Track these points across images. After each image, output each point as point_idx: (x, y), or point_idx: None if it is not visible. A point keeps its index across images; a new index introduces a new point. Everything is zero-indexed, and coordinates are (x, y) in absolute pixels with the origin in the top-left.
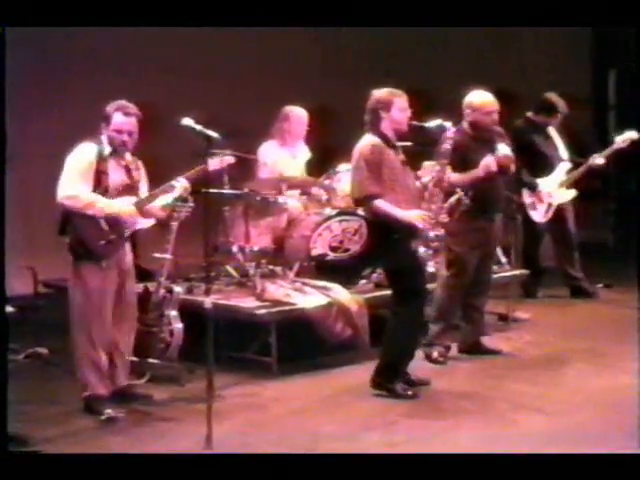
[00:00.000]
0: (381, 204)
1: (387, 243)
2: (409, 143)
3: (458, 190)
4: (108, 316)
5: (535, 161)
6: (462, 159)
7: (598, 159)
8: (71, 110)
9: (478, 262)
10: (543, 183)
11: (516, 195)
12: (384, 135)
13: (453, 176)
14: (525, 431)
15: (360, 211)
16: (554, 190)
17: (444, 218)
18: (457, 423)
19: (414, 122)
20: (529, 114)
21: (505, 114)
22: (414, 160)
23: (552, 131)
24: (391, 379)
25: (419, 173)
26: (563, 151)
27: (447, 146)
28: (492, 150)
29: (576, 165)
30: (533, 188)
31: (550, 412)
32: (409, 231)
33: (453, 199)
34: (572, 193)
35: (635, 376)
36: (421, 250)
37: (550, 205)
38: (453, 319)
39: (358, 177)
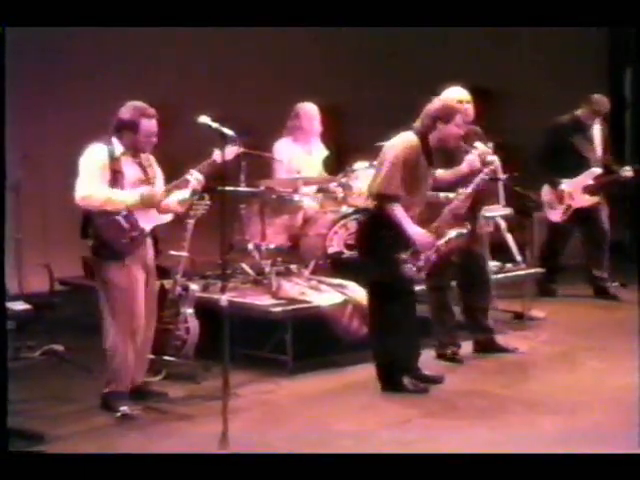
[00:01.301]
0: (398, 209)
1: (374, 246)
2: None
3: (462, 228)
4: (140, 313)
5: (569, 160)
6: (444, 156)
7: (628, 172)
8: (86, 109)
9: (467, 263)
10: (568, 183)
11: (536, 192)
12: (427, 142)
13: (437, 172)
14: (539, 431)
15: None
16: (576, 193)
17: (442, 245)
18: (470, 422)
19: (464, 145)
20: (577, 112)
21: (510, 114)
22: None
23: (596, 132)
24: (393, 377)
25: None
26: (600, 155)
27: (484, 177)
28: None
29: (607, 172)
30: (554, 186)
31: (564, 412)
32: (403, 244)
33: (454, 234)
34: (594, 199)
35: None
36: (407, 266)
37: (569, 207)
38: (451, 319)
39: (391, 172)
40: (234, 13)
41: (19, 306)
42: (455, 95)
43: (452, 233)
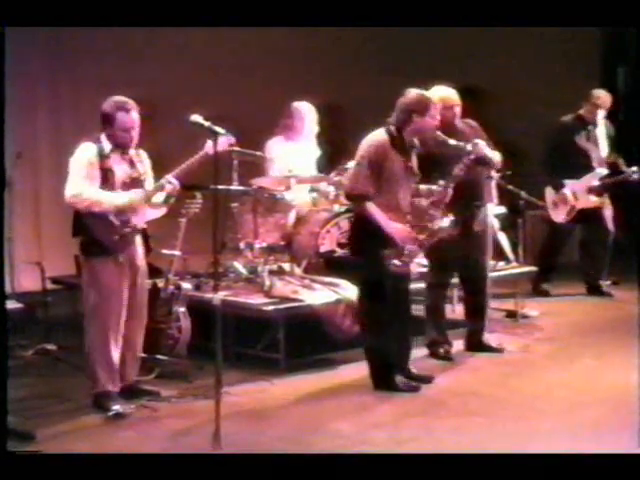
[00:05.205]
0: (370, 207)
1: (362, 246)
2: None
3: (444, 220)
4: (122, 312)
5: (574, 160)
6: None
7: (635, 175)
8: (80, 108)
9: (464, 261)
10: (572, 185)
11: (529, 191)
12: (402, 137)
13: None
14: (533, 429)
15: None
16: (581, 194)
17: (425, 238)
18: (463, 421)
19: (440, 134)
20: (581, 111)
21: (503, 113)
22: None
23: (599, 131)
24: (386, 376)
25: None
26: (605, 153)
27: (460, 171)
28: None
29: (612, 173)
30: (557, 188)
31: (559, 410)
32: (386, 241)
33: (436, 226)
34: (599, 200)
35: None
36: (392, 262)
37: (573, 207)
38: (441, 316)
39: (357, 173)
40: (235, 13)
41: (11, 305)
42: (438, 95)
43: (435, 225)
